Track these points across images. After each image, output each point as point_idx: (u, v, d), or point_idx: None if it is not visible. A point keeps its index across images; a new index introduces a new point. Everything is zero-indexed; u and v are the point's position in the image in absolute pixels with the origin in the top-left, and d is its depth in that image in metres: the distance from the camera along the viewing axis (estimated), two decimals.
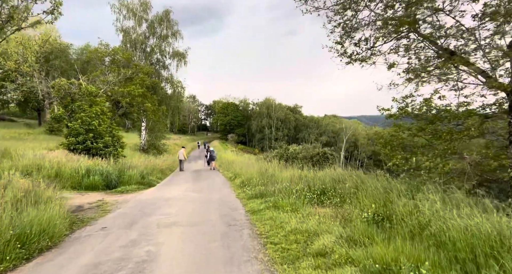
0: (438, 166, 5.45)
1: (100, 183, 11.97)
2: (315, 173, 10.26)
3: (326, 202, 7.22)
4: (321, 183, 8.53)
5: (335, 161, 14.01)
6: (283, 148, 18.09)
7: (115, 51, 26.94)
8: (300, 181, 9.65)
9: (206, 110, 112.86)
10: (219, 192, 11.01)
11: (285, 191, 8.61)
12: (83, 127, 16.68)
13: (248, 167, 14.99)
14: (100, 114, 17.88)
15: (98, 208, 8.42)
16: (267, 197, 8.63)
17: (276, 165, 12.98)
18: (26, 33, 35.23)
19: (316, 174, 10.05)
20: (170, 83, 33.08)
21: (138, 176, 13.43)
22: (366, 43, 7.81)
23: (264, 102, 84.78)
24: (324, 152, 14.11)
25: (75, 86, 17.00)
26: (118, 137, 18.60)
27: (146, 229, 5.98)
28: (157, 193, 11.00)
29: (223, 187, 12.32)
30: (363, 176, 7.46)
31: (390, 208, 5.45)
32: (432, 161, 5.62)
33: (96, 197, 10.31)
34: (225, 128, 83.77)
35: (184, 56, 33.24)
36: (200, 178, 16.16)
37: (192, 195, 10.24)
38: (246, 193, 9.78)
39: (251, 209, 7.56)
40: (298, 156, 15.47)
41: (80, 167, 12.31)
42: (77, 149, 16.37)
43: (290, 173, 11.13)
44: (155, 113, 27.90)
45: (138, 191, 11.75)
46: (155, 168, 16.86)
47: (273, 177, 10.98)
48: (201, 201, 9.04)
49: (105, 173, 12.43)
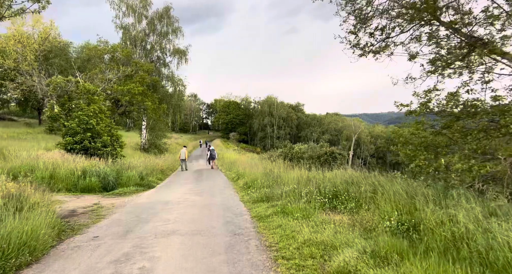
0: (473, 168, 4.81)
1: (96, 185, 11.38)
2: (324, 174, 9.63)
3: (339, 207, 6.58)
4: (332, 185, 7.90)
5: (344, 161, 13.37)
6: (288, 147, 17.42)
7: (114, 49, 26.37)
8: (308, 182, 9.01)
9: (207, 109, 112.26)
10: (222, 194, 10.40)
11: (293, 194, 7.98)
12: (80, 126, 16.10)
13: (252, 167, 14.37)
14: (98, 113, 17.30)
15: (93, 213, 7.82)
16: (274, 200, 8.01)
17: (282, 165, 12.35)
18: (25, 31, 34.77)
19: (325, 175, 9.41)
20: (171, 81, 32.48)
21: (137, 177, 12.83)
22: (381, 33, 7.15)
23: (266, 101, 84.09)
24: (332, 151, 13.45)
25: (72, 84, 16.40)
26: (117, 136, 18.02)
27: (142, 239, 5.37)
28: (156, 196, 10.41)
29: (226, 188, 11.71)
30: (380, 178, 6.81)
31: (416, 215, 4.82)
32: (465, 163, 4.97)
33: (92, 200, 9.72)
34: (226, 127, 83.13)
35: (185, 53, 32.62)
36: (201, 178, 15.56)
37: (193, 198, 9.63)
38: (250, 196, 9.16)
39: (257, 214, 6.93)
40: (303, 156, 14.84)
41: (76, 168, 11.73)
42: (75, 148, 15.81)
43: (297, 173, 10.50)
44: (155, 112, 27.33)
45: (136, 193, 11.15)
46: (155, 168, 16.27)
47: (279, 178, 10.35)
48: (202, 205, 8.42)
49: (102, 174, 11.85)
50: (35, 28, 36.33)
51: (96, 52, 25.60)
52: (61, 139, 16.58)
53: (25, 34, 34.97)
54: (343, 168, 10.92)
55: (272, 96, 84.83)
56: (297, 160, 15.40)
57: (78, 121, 16.05)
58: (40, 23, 36.48)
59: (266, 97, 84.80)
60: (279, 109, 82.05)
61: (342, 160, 13.44)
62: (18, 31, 34.43)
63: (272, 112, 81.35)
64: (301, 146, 16.71)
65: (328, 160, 13.23)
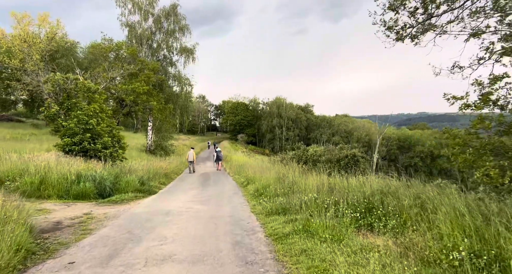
0: None
1: (91, 191, 10.27)
2: (348, 181, 8.34)
3: (377, 226, 5.28)
4: (362, 195, 6.60)
5: (367, 165, 12.03)
6: (301, 149, 16.11)
7: (119, 46, 25.46)
8: (330, 191, 7.74)
9: (215, 110, 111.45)
10: (230, 203, 9.17)
11: (314, 206, 6.72)
12: (79, 126, 15.08)
13: (263, 171, 13.12)
14: (99, 113, 16.28)
15: (79, 226, 6.67)
16: (292, 213, 6.75)
17: (297, 169, 11.07)
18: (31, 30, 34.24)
19: (350, 183, 8.12)
20: (178, 80, 31.44)
21: (137, 182, 11.69)
22: (424, 11, 5.85)
23: (274, 102, 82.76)
24: (354, 154, 12.11)
25: (71, 81, 15.41)
26: (118, 137, 16.97)
27: (128, 269, 4.17)
28: (156, 204, 9.23)
29: (235, 195, 10.48)
30: (427, 189, 5.50)
31: (496, 245, 3.52)
32: None
33: (83, 209, 8.60)
34: (234, 129, 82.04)
35: (192, 52, 31.58)
36: (208, 183, 14.38)
37: (197, 208, 8.43)
38: (263, 206, 7.90)
39: (274, 232, 5.67)
40: (320, 159, 13.54)
41: (70, 171, 10.64)
42: (73, 150, 14.78)
43: (316, 180, 9.21)
44: (161, 112, 26.31)
45: (134, 201, 10.00)
46: (158, 172, 15.14)
47: (294, 185, 9.08)
48: (207, 217, 7.20)
49: (99, 178, 10.73)
50: (42, 27, 35.81)
51: (100, 51, 24.73)
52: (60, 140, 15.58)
53: (31, 34, 34.46)
54: (368, 174, 9.62)
55: (280, 97, 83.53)
56: (312, 164, 14.13)
57: (77, 121, 15.03)
58: (46, 22, 35.91)
59: (274, 98, 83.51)
60: (288, 111, 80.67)
61: (365, 165, 12.14)
62: (23, 30, 33.93)
63: (281, 113, 80.00)
64: (316, 148, 15.38)
65: (349, 164, 11.92)
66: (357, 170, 11.14)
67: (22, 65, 32.32)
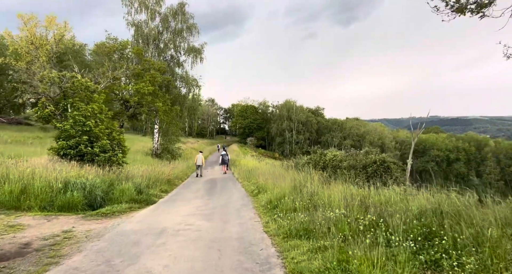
0: None
1: (80, 201, 8.92)
2: (382, 193, 6.80)
3: (447, 265, 3.72)
4: (408, 215, 5.06)
5: (399, 173, 10.40)
6: (318, 153, 14.50)
7: (124, 46, 24.39)
8: (363, 207, 6.21)
9: (224, 113, 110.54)
10: (238, 217, 7.68)
11: (346, 227, 5.22)
12: (75, 128, 13.86)
13: (276, 178, 11.62)
14: (98, 113, 15.06)
15: (49, 251, 5.30)
16: (318, 237, 5.24)
17: (315, 177, 9.54)
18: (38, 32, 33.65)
19: (385, 196, 6.59)
20: (185, 81, 30.24)
21: (133, 190, 10.31)
22: None
23: (284, 105, 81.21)
24: (383, 159, 10.45)
25: (67, 79, 14.25)
26: (119, 140, 15.69)
27: None
28: (150, 219, 7.81)
29: (244, 208, 8.99)
30: None
31: None
32: None
33: (65, 224, 7.25)
34: (244, 132, 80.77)
35: (200, 52, 30.38)
36: (214, 191, 12.94)
37: (199, 224, 6.97)
38: (278, 224, 6.40)
39: (297, 268, 4.17)
40: (340, 165, 11.96)
41: (56, 179, 9.33)
42: (68, 154, 13.57)
43: (341, 191, 7.70)
44: (167, 114, 25.07)
45: (128, 213, 8.61)
46: (159, 178, 13.76)
47: (315, 197, 7.57)
48: (210, 240, 5.74)
49: (89, 187, 9.39)
50: (49, 29, 35.20)
51: (104, 50, 23.70)
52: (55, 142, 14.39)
53: (39, 36, 33.87)
54: (401, 183, 8.08)
55: (290, 100, 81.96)
56: (331, 170, 12.58)
57: (73, 122, 13.82)
58: (53, 24, 35.31)
59: (284, 101, 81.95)
60: (298, 114, 79.05)
61: (398, 172, 10.50)
62: (30, 32, 33.34)
63: (291, 116, 78.43)
64: (336, 152, 13.75)
65: (378, 171, 10.31)
66: (388, 178, 9.56)
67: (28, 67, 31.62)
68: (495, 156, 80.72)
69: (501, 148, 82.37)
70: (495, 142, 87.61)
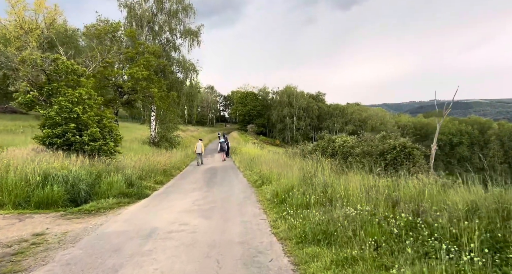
0: None
1: (60, 197, 7.87)
2: (412, 185, 5.73)
3: None
4: (457, 213, 4.00)
5: (422, 159, 9.25)
6: (326, 139, 13.33)
7: (115, 28, 22.93)
8: (389, 201, 5.17)
9: (224, 101, 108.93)
10: (241, 214, 6.64)
11: (377, 230, 4.17)
12: (61, 115, 12.72)
13: (281, 167, 10.56)
14: (86, 99, 13.89)
15: (6, 264, 4.28)
16: (341, 242, 4.19)
17: (327, 166, 8.46)
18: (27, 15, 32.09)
19: (416, 188, 5.52)
20: (182, 66, 28.85)
21: (123, 183, 9.26)
22: None
23: (284, 91, 79.73)
24: (404, 145, 9.26)
25: (49, 61, 13.01)
26: (110, 128, 14.54)
27: None
28: (140, 217, 6.78)
29: (247, 201, 7.94)
30: None
31: None
32: None
33: (39, 224, 6.23)
34: (244, 119, 79.56)
35: (197, 34, 28.86)
36: (213, 181, 11.92)
37: (195, 224, 5.93)
38: (289, 224, 5.35)
39: None
40: (352, 151, 10.83)
41: (35, 171, 8.27)
42: (55, 143, 12.49)
43: (358, 181, 6.63)
44: (163, 101, 23.81)
45: (115, 210, 7.58)
46: (153, 168, 12.71)
47: (329, 189, 6.51)
48: (207, 245, 4.70)
49: (71, 180, 8.34)
50: (38, 12, 33.53)
51: (94, 32, 22.28)
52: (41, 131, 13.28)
53: (28, 20, 32.29)
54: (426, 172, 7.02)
55: (291, 86, 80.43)
56: (342, 157, 11.50)
57: (58, 109, 12.66)
58: (43, 7, 33.64)
59: (285, 87, 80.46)
60: (299, 100, 77.69)
61: (421, 159, 9.36)
62: (19, 15, 31.76)
63: (292, 102, 77.07)
64: (346, 137, 12.56)
65: (399, 158, 9.16)
66: (410, 166, 8.49)
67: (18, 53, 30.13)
68: (499, 139, 79.77)
69: (505, 130, 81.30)
70: (499, 124, 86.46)
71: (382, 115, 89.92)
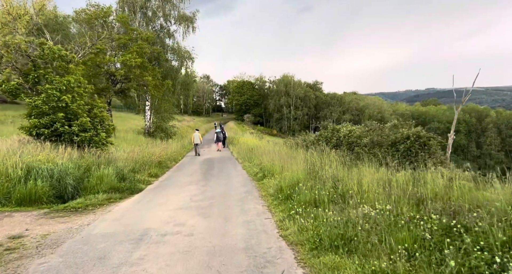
0: None
1: (45, 192, 7.21)
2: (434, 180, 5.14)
3: None
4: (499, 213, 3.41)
5: (438, 150, 8.64)
6: (330, 128, 12.64)
7: (106, 12, 21.83)
8: (412, 199, 4.58)
9: (220, 90, 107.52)
10: (242, 212, 6.02)
11: (407, 234, 3.57)
12: (49, 104, 11.94)
13: (283, 159, 9.94)
14: (76, 87, 13.08)
15: None
16: (366, 251, 3.59)
17: (333, 158, 7.85)
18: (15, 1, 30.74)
19: (444, 184, 4.92)
20: (177, 53, 27.86)
21: (114, 176, 8.59)
22: None
23: (282, 80, 78.62)
24: (418, 134, 8.59)
25: (34, 46, 12.15)
26: (101, 118, 13.79)
27: None
28: (131, 215, 6.15)
29: (248, 197, 7.32)
30: None
31: None
32: None
33: (17, 225, 5.59)
34: (240, 109, 78.58)
35: (192, 20, 27.80)
36: (211, 173, 11.30)
37: (191, 224, 5.31)
38: (299, 225, 4.73)
39: None
40: (359, 142, 10.19)
41: (16, 164, 7.57)
42: (42, 134, 11.76)
43: (371, 175, 6.04)
44: (158, 89, 22.94)
45: (104, 206, 6.94)
46: (147, 160, 12.03)
47: (341, 184, 5.89)
48: (206, 253, 4.08)
49: (58, 174, 7.66)
50: None
51: (84, 17, 21.23)
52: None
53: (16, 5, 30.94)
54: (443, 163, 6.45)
55: (288, 75, 79.28)
56: (347, 148, 10.88)
57: (45, 97, 11.87)
58: None
59: (282, 76, 79.27)
60: (296, 89, 76.72)
61: (438, 149, 8.75)
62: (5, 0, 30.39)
63: (289, 92, 76.12)
64: (351, 127, 11.87)
65: (413, 149, 8.52)
66: (426, 157, 7.87)
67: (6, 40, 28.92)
68: (496, 127, 79.71)
69: (502, 118, 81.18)
70: (496, 112, 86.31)
71: (380, 104, 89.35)
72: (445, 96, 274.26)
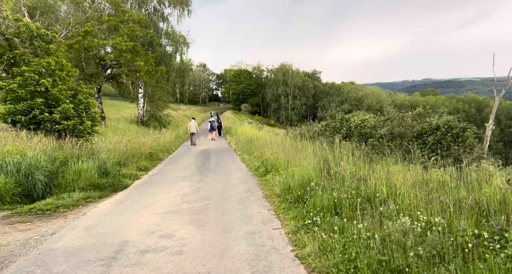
0: None
1: (9, 190, 6.06)
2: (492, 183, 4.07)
3: None
4: None
5: (475, 143, 7.50)
6: (338, 118, 11.47)
7: None
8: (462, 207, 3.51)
9: (217, 79, 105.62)
10: (245, 220, 4.92)
11: (483, 266, 2.50)
12: (26, 88, 10.69)
13: (288, 151, 8.82)
14: (57, 70, 11.82)
15: None
16: None
17: (345, 152, 6.75)
18: None
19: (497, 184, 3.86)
20: (171, 38, 26.38)
21: (94, 171, 7.44)
22: None
23: (279, 69, 76.91)
24: (449, 124, 7.43)
25: (9, 22, 10.82)
26: (87, 104, 12.54)
27: None
28: (108, 221, 5.03)
29: (250, 198, 6.22)
30: None
31: None
32: None
33: None
34: (237, 98, 77.06)
35: (187, 3, 26.27)
36: (207, 167, 10.19)
37: (182, 236, 4.22)
38: (321, 242, 3.65)
39: None
40: (374, 133, 9.04)
41: None
42: (19, 121, 10.56)
43: (401, 172, 4.95)
44: (151, 76, 21.59)
45: (79, 208, 5.82)
46: (136, 152, 10.88)
47: (363, 185, 4.81)
48: None
49: (25, 168, 6.51)
50: None
51: None
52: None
53: None
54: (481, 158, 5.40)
55: (286, 64, 77.53)
56: (359, 140, 9.79)
57: (21, 80, 10.61)
58: None
59: (280, 65, 77.55)
60: (294, 78, 75.16)
61: (475, 143, 7.60)
62: None
63: (287, 81, 74.55)
64: (364, 116, 10.63)
65: (444, 141, 7.36)
66: (460, 151, 6.79)
67: None
68: (496, 117, 79.14)
69: (502, 108, 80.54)
70: None
71: (378, 94, 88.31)
72: (441, 87, 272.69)
